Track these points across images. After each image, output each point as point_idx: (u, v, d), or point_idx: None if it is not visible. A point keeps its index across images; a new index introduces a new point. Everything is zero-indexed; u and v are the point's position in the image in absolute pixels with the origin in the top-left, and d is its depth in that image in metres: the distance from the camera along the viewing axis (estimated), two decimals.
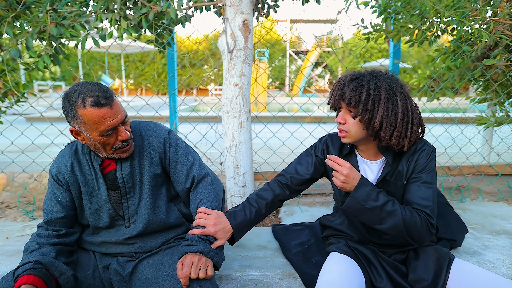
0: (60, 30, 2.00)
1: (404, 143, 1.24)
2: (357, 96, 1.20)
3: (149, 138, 1.31)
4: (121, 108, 1.18)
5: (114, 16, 2.05)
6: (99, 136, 1.15)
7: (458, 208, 2.30)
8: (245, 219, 1.35)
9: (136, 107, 2.51)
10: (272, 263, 1.58)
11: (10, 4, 2.30)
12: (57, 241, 1.22)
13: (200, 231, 1.21)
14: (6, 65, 2.14)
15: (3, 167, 2.59)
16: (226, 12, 1.92)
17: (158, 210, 1.31)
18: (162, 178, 1.34)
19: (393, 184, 1.30)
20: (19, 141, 2.86)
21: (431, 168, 1.27)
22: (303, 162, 1.48)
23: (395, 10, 2.38)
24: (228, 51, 1.92)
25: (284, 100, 11.82)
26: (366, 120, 1.21)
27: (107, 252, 1.32)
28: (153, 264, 1.26)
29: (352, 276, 1.20)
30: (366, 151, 1.33)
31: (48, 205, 1.27)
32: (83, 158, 1.28)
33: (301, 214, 2.22)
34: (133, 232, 1.29)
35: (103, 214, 1.29)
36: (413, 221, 1.18)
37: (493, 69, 2.33)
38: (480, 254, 1.67)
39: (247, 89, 1.99)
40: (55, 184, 1.28)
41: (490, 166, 2.79)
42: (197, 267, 1.08)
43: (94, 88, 1.12)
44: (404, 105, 1.23)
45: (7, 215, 2.28)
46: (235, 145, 2.00)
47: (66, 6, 2.09)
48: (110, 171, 1.27)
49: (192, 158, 1.35)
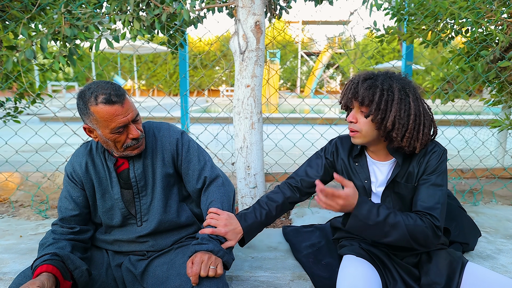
0: (74, 31, 2.03)
1: (415, 145, 1.23)
2: (371, 95, 1.20)
3: (162, 138, 1.32)
4: (133, 107, 1.20)
5: (127, 17, 2.08)
6: (110, 134, 1.16)
7: (471, 212, 2.27)
8: (256, 221, 1.35)
9: (148, 108, 2.53)
10: (283, 264, 1.58)
11: (25, 6, 2.34)
12: (71, 237, 1.24)
13: (211, 230, 1.22)
14: (21, 66, 2.18)
15: (18, 166, 2.64)
16: (238, 14, 1.93)
17: (170, 210, 1.32)
18: (174, 178, 1.35)
19: (404, 186, 1.29)
20: (33, 141, 2.91)
21: (442, 170, 1.26)
22: (313, 164, 1.47)
23: (408, 11, 2.36)
24: (240, 52, 1.93)
25: (296, 102, 11.81)
26: (379, 120, 1.20)
27: (119, 251, 1.34)
28: (165, 263, 1.27)
29: (372, 280, 1.19)
30: (377, 152, 1.32)
31: (63, 203, 1.29)
32: (97, 157, 1.29)
33: (312, 215, 2.22)
34: (145, 230, 1.30)
35: (116, 212, 1.30)
36: (417, 228, 1.17)
37: (508, 71, 2.29)
38: (494, 258, 1.64)
39: (258, 90, 1.99)
40: (70, 183, 1.30)
41: (504, 169, 2.74)
42: (207, 265, 1.08)
43: (106, 87, 1.14)
44: (417, 107, 1.22)
45: (21, 214, 2.32)
46: (246, 146, 2.00)
47: (80, 7, 2.12)
48: (123, 170, 1.29)
49: (204, 159, 1.36)
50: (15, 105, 2.64)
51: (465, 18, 2.08)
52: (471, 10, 2.07)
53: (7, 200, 2.58)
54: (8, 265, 1.57)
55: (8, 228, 2.04)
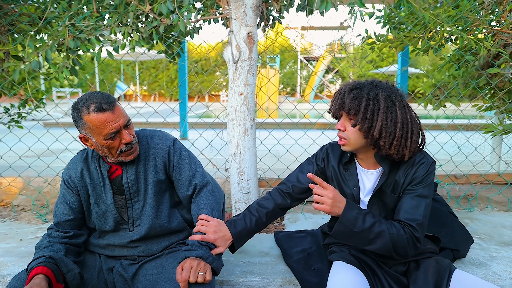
0: (77, 43, 2.12)
1: (404, 153, 1.25)
2: (357, 105, 1.22)
3: (155, 145, 1.38)
4: (124, 113, 1.26)
5: (127, 29, 2.16)
6: (104, 140, 1.22)
7: (466, 218, 2.26)
8: (245, 228, 1.38)
9: (148, 114, 2.60)
10: (273, 269, 1.61)
11: (33, 20, 2.45)
12: (66, 241, 1.30)
13: (201, 237, 1.26)
14: (27, 75, 2.28)
15: (20, 171, 2.72)
16: (232, 25, 1.99)
17: (161, 215, 1.37)
18: (166, 185, 1.40)
19: (389, 196, 1.31)
20: (35, 147, 3.00)
21: (428, 182, 1.28)
22: (305, 170, 1.50)
23: (399, 20, 2.41)
24: (233, 62, 1.99)
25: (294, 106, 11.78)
26: (366, 129, 1.22)
27: (111, 255, 1.39)
28: (155, 268, 1.31)
29: (361, 287, 1.21)
30: (366, 160, 1.35)
31: (58, 208, 1.35)
32: (92, 164, 1.35)
33: (305, 221, 2.25)
34: (137, 235, 1.35)
35: (109, 218, 1.36)
36: (400, 238, 1.20)
37: (498, 77, 2.33)
38: (486, 266, 1.64)
39: (251, 98, 2.05)
40: (66, 189, 1.36)
41: (499, 174, 2.75)
42: (196, 272, 1.12)
43: (97, 96, 1.21)
44: (404, 115, 1.24)
45: (22, 218, 2.39)
46: (240, 152, 2.06)
47: (84, 20, 2.21)
48: (116, 176, 1.34)
49: (195, 166, 1.41)
50: (19, 111, 2.74)
51: (451, 27, 2.12)
52: (458, 19, 2.12)
53: (10, 204, 2.65)
54: (8, 268, 1.62)
55: (9, 232, 2.10)
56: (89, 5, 2.28)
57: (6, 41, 2.44)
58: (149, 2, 2.20)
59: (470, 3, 2.17)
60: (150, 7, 2.16)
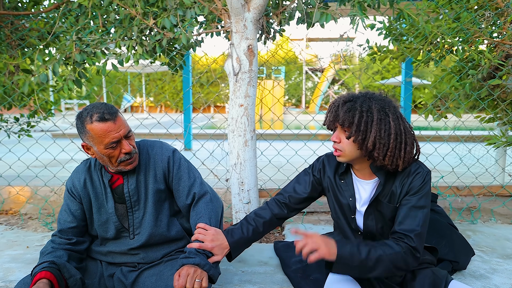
0: (83, 56, 2.20)
1: (398, 163, 1.26)
2: (350, 117, 1.24)
3: (155, 156, 1.42)
4: (125, 124, 1.31)
5: (131, 42, 2.23)
6: (105, 149, 1.27)
7: (469, 230, 2.24)
8: (242, 237, 1.40)
9: (153, 125, 2.65)
10: (271, 279, 1.62)
11: (42, 34, 2.55)
12: (68, 247, 1.34)
13: (198, 245, 1.29)
14: (35, 88, 2.36)
15: (28, 180, 2.79)
16: (232, 38, 2.05)
17: (160, 224, 1.41)
18: (165, 194, 1.44)
19: (386, 206, 1.32)
20: (43, 157, 3.07)
21: (425, 192, 1.28)
22: (301, 181, 1.52)
23: (399, 32, 2.44)
24: (234, 74, 2.04)
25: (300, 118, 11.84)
26: (360, 141, 1.24)
27: (112, 262, 1.43)
28: (154, 275, 1.35)
29: None
30: (361, 171, 1.36)
31: (62, 216, 1.40)
32: (95, 173, 1.40)
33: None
34: (137, 243, 1.39)
35: (110, 226, 1.40)
36: (397, 256, 1.20)
37: (499, 88, 2.33)
38: (487, 278, 1.62)
39: (251, 110, 2.09)
40: (69, 197, 1.41)
41: (502, 186, 2.72)
42: (193, 278, 1.16)
43: (100, 106, 1.27)
44: (397, 126, 1.26)
45: (29, 226, 2.44)
46: (240, 162, 2.09)
47: (90, 34, 2.29)
48: (118, 185, 1.39)
49: (194, 176, 1.45)
50: (28, 120, 2.83)
51: (451, 39, 2.14)
52: (459, 31, 2.14)
53: (18, 212, 2.72)
54: (14, 274, 1.67)
55: (16, 239, 2.16)
56: (95, 20, 2.37)
57: (16, 55, 2.54)
58: (153, 16, 2.27)
59: (470, 15, 2.19)
60: (154, 21, 2.23)
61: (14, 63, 2.40)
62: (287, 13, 2.30)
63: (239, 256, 1.82)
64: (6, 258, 1.85)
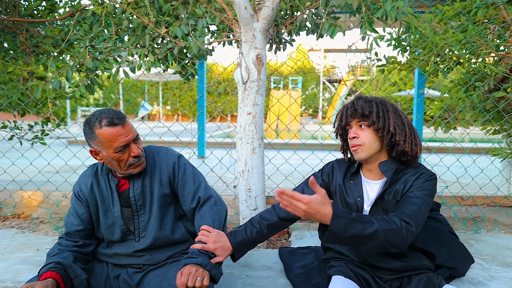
0: (95, 63, 2.26)
1: (417, 150, 1.34)
2: (368, 107, 1.34)
3: (161, 161, 1.46)
4: (133, 128, 1.35)
5: (143, 51, 2.30)
6: (114, 153, 1.31)
7: (472, 239, 2.25)
8: (245, 239, 1.43)
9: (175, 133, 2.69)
10: (274, 283, 1.64)
11: (56, 41, 2.63)
12: (75, 249, 1.38)
13: (201, 246, 1.33)
14: (48, 94, 2.43)
15: (40, 185, 2.85)
16: (241, 47, 2.10)
17: (165, 227, 1.44)
18: (171, 198, 1.47)
19: (389, 202, 1.35)
20: (55, 162, 3.14)
21: (427, 187, 1.30)
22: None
23: (407, 44, 2.48)
24: (242, 83, 2.09)
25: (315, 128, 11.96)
26: (381, 126, 1.32)
27: (118, 263, 1.46)
28: (158, 276, 1.37)
29: None
30: (373, 171, 1.40)
31: (69, 219, 1.43)
32: (102, 178, 1.44)
33: (311, 238, 2.27)
34: (142, 246, 1.42)
35: (116, 229, 1.43)
36: (395, 232, 1.18)
37: (504, 100, 2.34)
38: (484, 285, 1.64)
39: (260, 118, 2.13)
40: (76, 201, 1.44)
41: (506, 197, 2.72)
42: (194, 277, 1.19)
43: (109, 112, 1.31)
44: (406, 118, 1.38)
45: (40, 230, 2.49)
46: (248, 169, 2.12)
47: (103, 42, 2.37)
48: (124, 190, 1.42)
49: (198, 180, 1.48)
50: (42, 128, 2.90)
51: (458, 51, 2.17)
52: (465, 44, 2.17)
53: (29, 216, 2.77)
54: (23, 275, 1.71)
55: (27, 242, 2.20)
56: (109, 28, 2.44)
57: (30, 62, 2.62)
58: (165, 25, 2.34)
59: (475, 28, 2.23)
60: (166, 30, 2.30)
61: (28, 69, 2.48)
62: (297, 24, 2.35)
63: (244, 261, 1.86)
64: (16, 260, 1.90)
